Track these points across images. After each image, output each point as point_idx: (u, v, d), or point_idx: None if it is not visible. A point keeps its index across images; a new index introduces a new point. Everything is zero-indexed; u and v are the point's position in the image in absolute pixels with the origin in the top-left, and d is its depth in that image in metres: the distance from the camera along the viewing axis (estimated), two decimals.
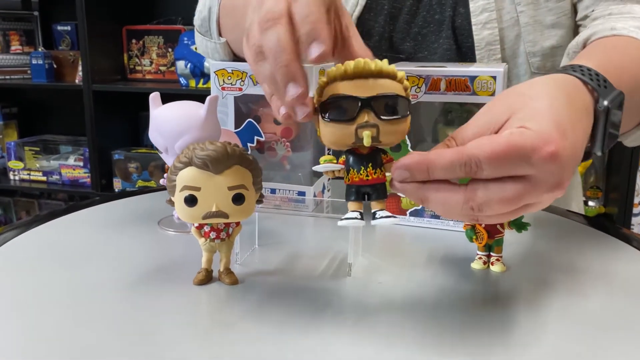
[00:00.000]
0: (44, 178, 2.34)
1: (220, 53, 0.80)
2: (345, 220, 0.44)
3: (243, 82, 0.68)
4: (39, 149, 2.38)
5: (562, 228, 0.67)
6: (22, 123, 2.55)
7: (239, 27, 0.55)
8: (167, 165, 0.58)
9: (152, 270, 0.53)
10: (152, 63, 2.24)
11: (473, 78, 0.60)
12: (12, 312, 0.45)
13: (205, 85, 2.04)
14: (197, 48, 0.87)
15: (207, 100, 0.57)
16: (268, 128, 0.70)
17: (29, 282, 0.50)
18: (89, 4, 2.04)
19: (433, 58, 0.80)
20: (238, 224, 0.50)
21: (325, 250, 0.58)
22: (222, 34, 0.77)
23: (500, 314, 0.46)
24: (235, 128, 0.70)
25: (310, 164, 0.73)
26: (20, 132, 2.54)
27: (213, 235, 0.49)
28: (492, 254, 0.54)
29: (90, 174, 2.23)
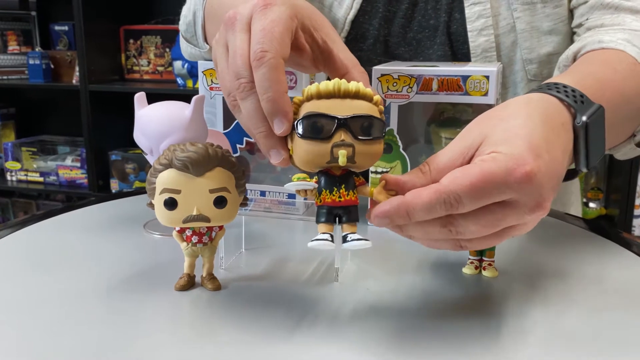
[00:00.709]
0: (41, 179, 2.33)
1: (206, 59, 0.78)
2: (315, 242, 0.42)
3: None
4: (36, 150, 2.37)
5: (559, 232, 0.66)
6: (19, 123, 2.54)
7: None
8: None
9: (133, 275, 0.51)
10: (149, 63, 2.23)
11: (465, 78, 0.58)
12: None
13: None
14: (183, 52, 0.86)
15: (192, 100, 0.56)
16: None
17: (5, 286, 0.49)
18: (86, 4, 2.04)
19: None
20: (221, 228, 0.49)
21: (313, 255, 0.57)
22: (207, 40, 0.75)
23: (491, 321, 0.44)
24: (224, 129, 0.68)
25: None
26: (18, 132, 2.53)
27: (195, 240, 0.48)
28: (484, 259, 0.53)
29: (87, 175, 2.22)
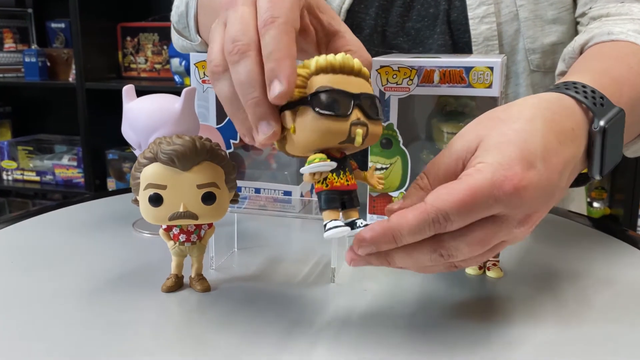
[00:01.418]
0: (38, 178, 2.31)
1: (198, 52, 0.76)
2: (332, 230, 0.38)
3: None
4: (33, 149, 2.34)
5: (564, 230, 0.63)
6: (15, 122, 2.51)
7: None
8: None
9: (118, 276, 0.49)
10: (147, 61, 2.20)
11: (469, 69, 0.56)
12: None
13: None
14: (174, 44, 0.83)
15: (183, 93, 0.53)
16: None
17: None
18: (83, 1, 2.01)
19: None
20: (211, 226, 0.46)
21: (309, 254, 0.54)
22: (200, 32, 0.73)
23: (496, 324, 0.42)
24: (217, 124, 0.66)
25: (298, 163, 0.69)
26: (14, 131, 2.50)
27: (183, 238, 0.45)
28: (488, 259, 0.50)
29: (84, 174, 2.19)
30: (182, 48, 0.79)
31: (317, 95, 0.37)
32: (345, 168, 0.39)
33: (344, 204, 0.39)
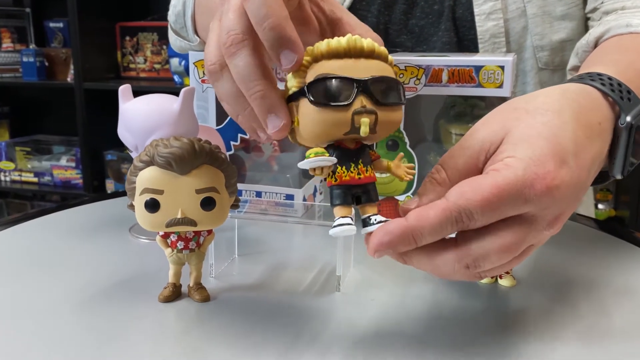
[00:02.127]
0: (36, 179, 2.29)
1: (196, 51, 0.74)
2: (338, 228, 0.36)
3: None
4: (31, 149, 2.32)
5: (572, 234, 0.61)
6: (13, 122, 2.49)
7: None
8: None
9: (113, 284, 0.47)
10: (146, 61, 2.18)
11: (478, 68, 0.54)
12: None
13: None
14: (171, 44, 0.81)
15: (181, 93, 0.51)
16: None
17: None
18: (82, 0, 1.99)
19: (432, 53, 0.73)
20: (210, 232, 0.44)
21: (313, 261, 0.52)
22: (198, 32, 0.71)
23: (513, 338, 0.39)
24: (217, 125, 0.63)
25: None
26: (12, 131, 2.48)
27: (181, 246, 0.43)
28: None
29: (83, 175, 2.17)
30: (179, 48, 0.77)
31: (312, 85, 0.35)
32: (359, 160, 0.37)
33: (360, 199, 0.37)
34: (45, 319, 0.41)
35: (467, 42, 0.71)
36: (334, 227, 0.37)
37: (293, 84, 0.36)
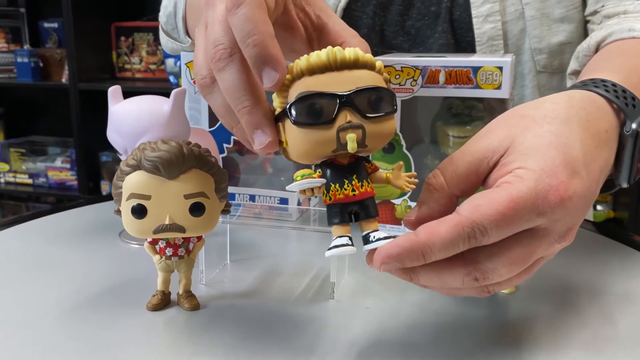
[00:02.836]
0: (30, 181, 2.27)
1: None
2: (335, 250, 0.35)
3: None
4: (25, 151, 2.30)
5: None
6: (7, 123, 2.47)
7: None
8: None
9: (101, 291, 0.45)
10: (141, 61, 2.16)
11: (476, 69, 0.52)
12: None
13: None
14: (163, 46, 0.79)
15: (172, 94, 0.50)
16: None
17: None
18: (76, 0, 1.98)
19: None
20: (200, 239, 0.43)
21: (307, 267, 0.51)
22: (189, 33, 0.69)
23: (517, 348, 0.38)
24: (210, 127, 0.62)
25: (294, 168, 0.65)
26: (6, 133, 2.46)
27: (169, 252, 0.42)
28: None
29: (78, 177, 2.16)
30: (171, 50, 0.76)
31: (293, 105, 0.34)
32: (353, 175, 0.35)
33: (358, 215, 0.35)
34: (31, 328, 0.40)
35: (464, 44, 0.70)
36: (330, 248, 0.36)
37: (277, 104, 0.35)
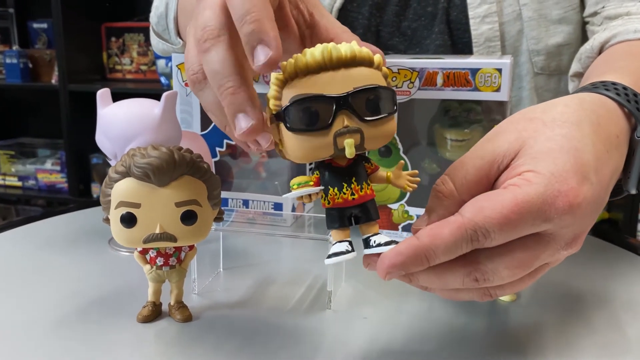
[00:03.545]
0: (20, 183, 2.24)
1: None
2: (334, 258, 0.34)
3: None
4: (15, 153, 2.27)
5: None
6: None
7: None
8: None
9: (90, 302, 0.44)
10: (132, 62, 2.14)
11: (475, 71, 0.51)
12: None
13: None
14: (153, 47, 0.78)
15: (163, 97, 0.48)
16: None
17: None
18: (66, 0, 1.95)
19: None
20: (192, 248, 0.41)
21: (303, 275, 0.49)
22: (180, 35, 0.68)
23: (515, 355, 0.37)
24: (202, 130, 0.61)
25: (289, 171, 0.64)
26: None
27: (160, 262, 0.40)
28: None
29: (68, 179, 2.13)
30: (162, 51, 0.74)
31: (286, 110, 0.32)
32: (352, 178, 0.34)
33: (358, 219, 0.34)
34: (17, 341, 0.38)
35: (461, 45, 0.69)
36: (330, 255, 0.34)
37: (271, 105, 0.34)
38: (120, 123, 0.49)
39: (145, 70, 2.14)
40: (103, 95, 0.52)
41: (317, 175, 0.35)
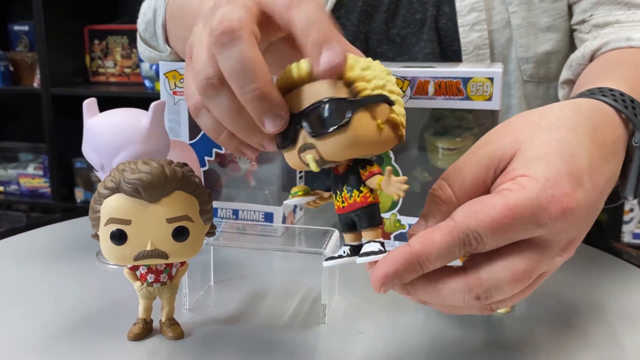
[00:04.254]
0: (1, 188, 2.21)
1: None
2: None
3: None
4: None
5: None
6: None
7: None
8: None
9: (77, 319, 0.43)
10: (116, 65, 2.12)
11: (466, 80, 0.51)
12: None
13: None
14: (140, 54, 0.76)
15: (151, 107, 0.48)
16: None
17: None
18: (48, 2, 1.92)
19: None
20: (183, 264, 0.40)
21: (295, 287, 0.49)
22: (169, 42, 0.66)
23: None
24: (190, 139, 0.60)
25: (279, 179, 0.63)
26: None
27: (151, 279, 0.39)
28: None
29: (51, 184, 2.10)
30: (149, 59, 0.73)
31: None
32: (343, 186, 0.34)
33: (354, 225, 0.35)
34: (5, 356, 0.37)
35: (450, 53, 0.69)
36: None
37: None
38: (107, 134, 0.48)
39: (129, 73, 2.12)
40: (90, 106, 0.51)
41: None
